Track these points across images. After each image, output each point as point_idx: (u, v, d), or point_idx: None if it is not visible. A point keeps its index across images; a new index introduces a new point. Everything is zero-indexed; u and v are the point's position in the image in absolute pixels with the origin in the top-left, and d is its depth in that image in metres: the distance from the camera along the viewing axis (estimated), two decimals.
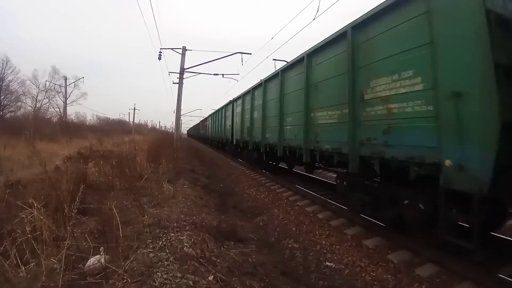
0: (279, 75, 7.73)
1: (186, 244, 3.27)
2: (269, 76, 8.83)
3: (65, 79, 36.71)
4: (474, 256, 3.44)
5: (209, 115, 27.12)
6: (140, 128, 51.78)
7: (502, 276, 3.09)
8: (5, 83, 31.16)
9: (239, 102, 12.97)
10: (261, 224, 5.50)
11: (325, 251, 4.25)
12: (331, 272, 3.66)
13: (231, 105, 15.25)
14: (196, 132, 49.18)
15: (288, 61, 7.75)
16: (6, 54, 33.64)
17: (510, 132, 2.52)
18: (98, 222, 3.66)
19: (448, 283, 3.24)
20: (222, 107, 18.58)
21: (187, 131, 79.71)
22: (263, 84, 9.24)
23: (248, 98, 11.50)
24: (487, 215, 3.31)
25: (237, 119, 13.48)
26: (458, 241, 3.02)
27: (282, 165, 11.55)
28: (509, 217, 3.99)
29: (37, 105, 37.41)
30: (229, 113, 15.78)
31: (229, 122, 15.63)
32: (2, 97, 30.73)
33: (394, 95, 3.66)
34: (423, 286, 3.22)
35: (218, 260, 3.21)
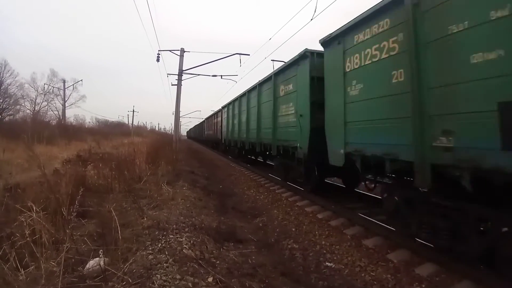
0: None
1: (185, 245, 3.27)
2: None
3: (64, 82, 36.75)
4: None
5: (226, 105, 17.20)
6: (139, 130, 51.58)
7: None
8: (3, 86, 31.09)
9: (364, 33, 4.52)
10: (260, 225, 5.50)
11: (324, 251, 4.25)
12: (331, 272, 3.67)
13: (304, 66, 6.68)
14: (199, 133, 42.19)
15: (286, 61, 7.62)
16: (4, 57, 33.69)
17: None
18: (97, 224, 3.66)
19: (448, 282, 3.25)
20: (261, 83, 10.18)
21: (187, 132, 79.29)
22: None
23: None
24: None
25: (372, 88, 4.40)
26: None
27: None
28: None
29: (36, 108, 37.43)
30: (290, 88, 7.57)
31: (290, 109, 7.52)
32: (1, 100, 30.64)
33: None
34: (423, 285, 3.23)
35: (218, 262, 3.21)
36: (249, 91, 11.64)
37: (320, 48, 5.87)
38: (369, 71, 4.40)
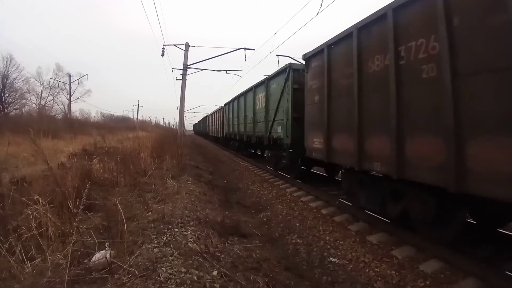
0: None
1: (190, 239, 3.29)
2: None
3: (69, 76, 36.79)
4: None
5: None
6: (144, 125, 51.47)
7: (508, 273, 3.08)
8: (9, 80, 31.23)
9: None
10: (264, 219, 5.51)
11: (328, 246, 4.25)
12: (334, 267, 3.66)
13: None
14: (203, 128, 38.67)
15: (291, 56, 7.77)
16: (9, 51, 33.74)
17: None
18: (103, 217, 3.69)
19: (453, 279, 3.23)
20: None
21: (194, 125, 78.79)
22: None
23: None
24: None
25: None
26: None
27: None
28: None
29: (41, 103, 37.55)
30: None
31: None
32: (7, 94, 30.86)
33: None
34: (427, 282, 3.21)
35: (222, 255, 3.23)
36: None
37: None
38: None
